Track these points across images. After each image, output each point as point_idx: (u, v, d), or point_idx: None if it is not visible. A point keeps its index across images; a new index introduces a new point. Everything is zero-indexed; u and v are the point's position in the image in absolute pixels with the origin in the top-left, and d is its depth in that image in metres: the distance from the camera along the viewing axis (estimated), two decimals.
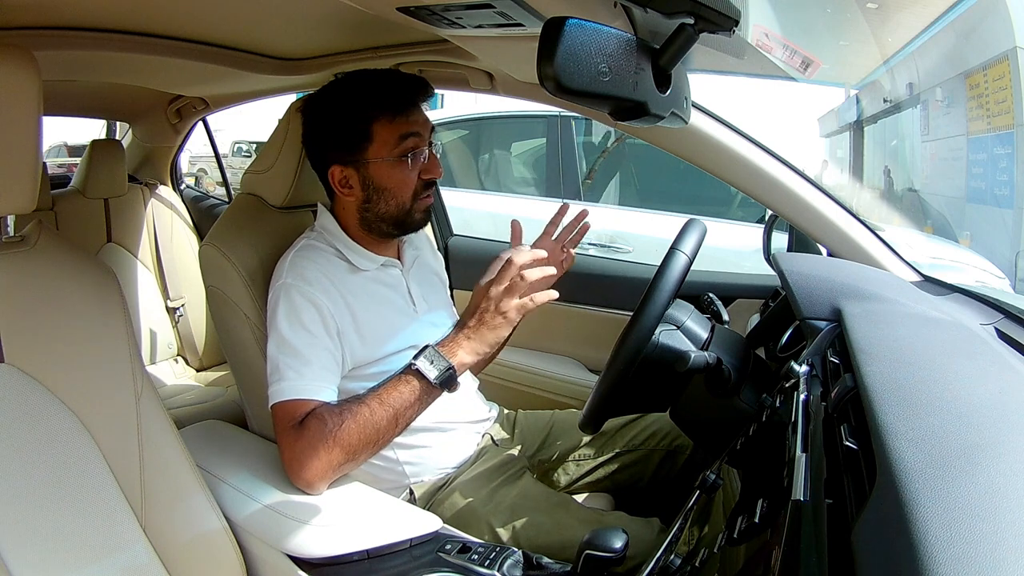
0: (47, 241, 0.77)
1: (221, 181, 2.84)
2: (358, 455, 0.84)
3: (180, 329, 2.00)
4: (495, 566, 0.75)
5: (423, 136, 0.95)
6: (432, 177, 0.97)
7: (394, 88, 0.95)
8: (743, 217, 2.69)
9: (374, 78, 0.97)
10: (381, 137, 0.94)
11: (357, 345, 0.94)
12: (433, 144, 0.99)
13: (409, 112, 0.94)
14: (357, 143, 0.94)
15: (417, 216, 0.99)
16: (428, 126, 0.97)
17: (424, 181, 0.97)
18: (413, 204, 0.97)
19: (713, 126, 1.04)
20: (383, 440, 0.86)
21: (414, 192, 0.97)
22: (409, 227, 1.01)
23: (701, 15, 0.50)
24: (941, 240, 3.36)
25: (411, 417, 0.87)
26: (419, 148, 0.95)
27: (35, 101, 0.68)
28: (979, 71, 4.37)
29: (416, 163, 0.95)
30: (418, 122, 0.95)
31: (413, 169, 0.95)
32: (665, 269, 0.88)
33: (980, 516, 0.34)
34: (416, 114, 0.95)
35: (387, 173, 0.95)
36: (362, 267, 0.99)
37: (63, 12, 0.99)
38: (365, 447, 0.84)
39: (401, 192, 0.96)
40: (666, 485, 1.13)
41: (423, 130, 0.96)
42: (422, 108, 0.97)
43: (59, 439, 0.70)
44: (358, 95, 0.95)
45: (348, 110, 0.94)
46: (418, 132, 0.95)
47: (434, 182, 0.99)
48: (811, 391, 0.64)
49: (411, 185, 0.96)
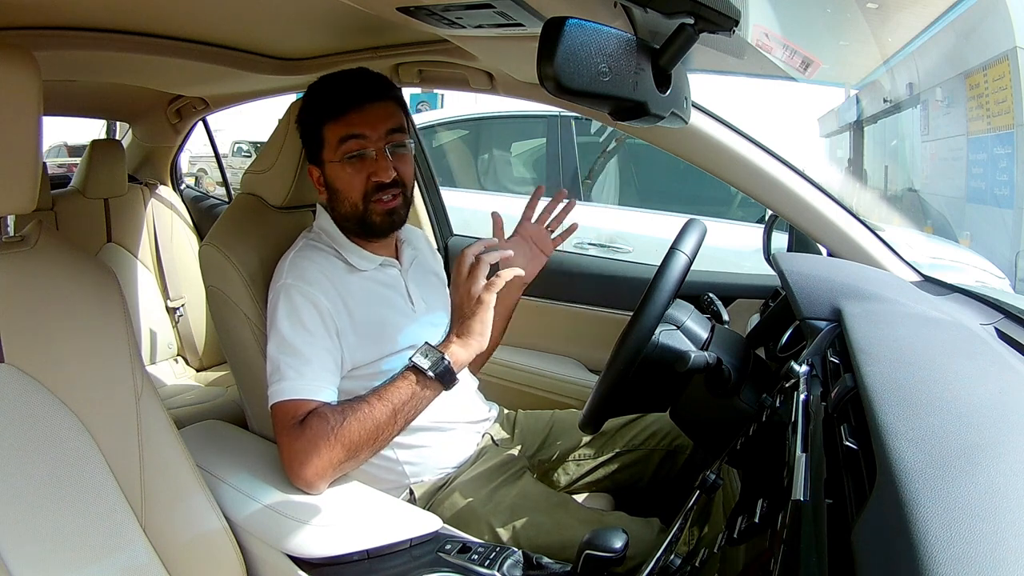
0: (47, 241, 0.77)
1: (221, 181, 2.84)
2: (359, 453, 0.84)
3: (180, 329, 2.00)
4: (495, 566, 0.75)
5: (368, 136, 0.94)
6: (380, 180, 0.94)
7: (337, 90, 0.96)
8: (743, 217, 2.69)
9: (328, 81, 0.98)
10: (328, 139, 0.95)
11: (355, 346, 0.94)
12: (398, 142, 0.96)
13: (352, 113, 0.94)
14: (316, 145, 0.97)
15: (375, 219, 0.97)
16: (380, 126, 0.94)
17: (375, 183, 0.95)
18: (366, 206, 0.96)
19: (713, 126, 1.04)
20: (383, 438, 0.86)
21: (364, 194, 0.95)
22: (371, 230, 0.98)
23: (701, 15, 0.50)
24: (941, 240, 3.36)
25: (411, 414, 0.87)
26: (363, 149, 0.94)
27: (35, 101, 0.68)
28: (979, 71, 4.37)
29: (360, 165, 0.94)
30: (363, 122, 0.93)
31: (358, 171, 0.94)
32: (665, 269, 0.88)
33: (980, 516, 0.34)
34: (361, 115, 0.94)
35: (336, 175, 0.96)
36: (360, 267, 0.99)
37: (63, 12, 0.99)
38: (366, 445, 0.84)
39: (349, 194, 0.96)
40: (666, 485, 1.13)
41: (369, 130, 0.94)
42: (377, 107, 0.95)
43: (59, 439, 0.70)
44: (314, 99, 0.98)
45: (308, 114, 0.98)
46: (359, 134, 0.93)
47: (389, 184, 0.95)
48: (811, 391, 0.64)
49: (358, 187, 0.95)
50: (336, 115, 0.94)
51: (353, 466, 0.87)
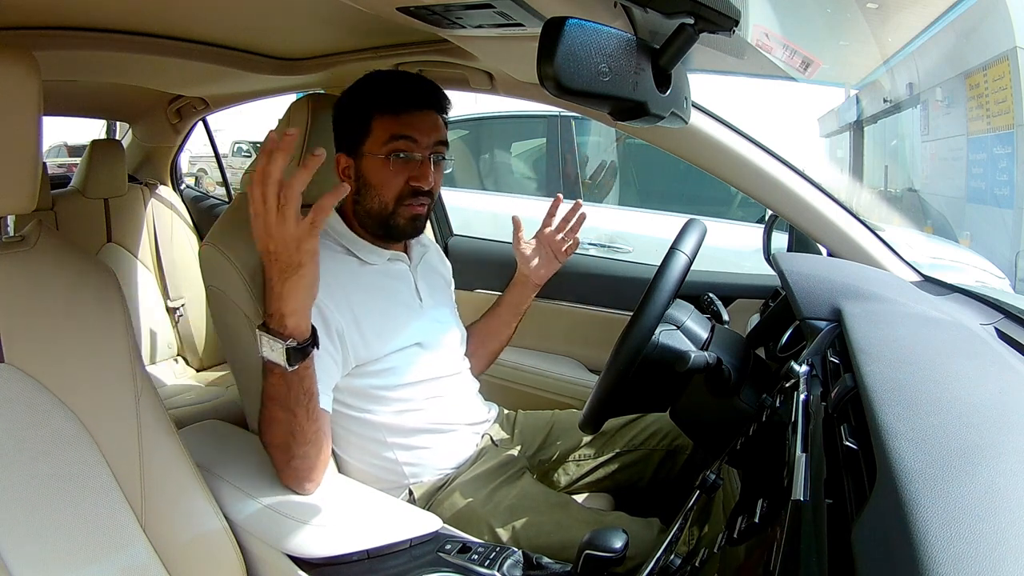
0: (47, 241, 0.77)
1: (221, 181, 2.84)
2: (293, 450, 0.80)
3: (180, 329, 2.00)
4: (495, 566, 0.75)
5: (418, 141, 0.94)
6: (419, 185, 0.95)
7: (399, 88, 0.96)
8: (743, 217, 2.69)
9: (388, 77, 0.98)
10: (376, 132, 0.94)
11: (359, 344, 0.93)
12: (436, 155, 0.97)
13: (407, 114, 0.94)
14: (358, 133, 0.96)
15: (400, 222, 0.97)
16: (432, 134, 0.95)
17: (412, 188, 0.95)
18: (396, 208, 0.96)
19: (713, 126, 1.04)
20: (299, 432, 0.80)
21: (398, 195, 0.95)
22: (393, 232, 0.99)
23: (701, 15, 0.50)
24: (941, 240, 3.36)
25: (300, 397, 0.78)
26: (409, 152, 0.94)
27: (35, 101, 0.68)
28: (979, 71, 4.37)
29: (403, 166, 0.94)
30: (414, 126, 0.94)
31: (399, 172, 0.95)
32: (665, 269, 0.88)
33: (980, 516, 0.34)
34: (416, 118, 0.95)
35: (375, 169, 0.95)
36: (370, 261, 0.99)
37: (63, 12, 0.99)
38: (294, 443, 0.80)
39: (384, 191, 0.95)
40: (666, 485, 1.13)
41: (420, 135, 0.94)
42: (431, 115, 0.96)
43: (59, 439, 0.70)
44: (368, 89, 0.97)
45: (357, 102, 0.97)
46: (411, 136, 0.94)
47: (424, 192, 0.96)
48: (811, 391, 0.64)
49: (395, 187, 0.95)
50: (392, 110, 0.94)
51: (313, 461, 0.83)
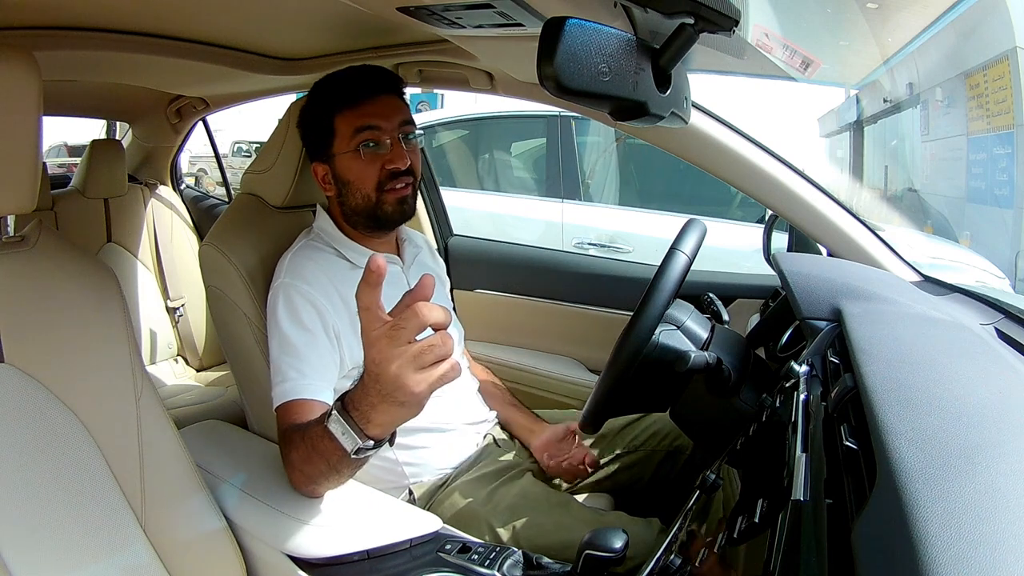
0: (47, 241, 0.77)
1: (221, 181, 2.84)
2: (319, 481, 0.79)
3: (180, 329, 2.00)
4: (495, 566, 0.75)
5: (382, 127, 0.95)
6: (395, 167, 0.95)
7: (351, 82, 0.96)
8: (743, 217, 2.69)
9: (339, 75, 0.98)
10: (340, 131, 0.95)
11: (355, 344, 0.93)
12: (409, 133, 0.97)
13: (365, 104, 0.95)
14: (325, 138, 0.97)
15: (388, 208, 0.97)
16: (394, 117, 0.96)
17: (389, 171, 0.96)
18: (379, 196, 0.96)
19: (713, 126, 1.04)
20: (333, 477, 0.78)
21: (378, 183, 0.96)
22: (383, 220, 0.99)
23: (701, 15, 0.50)
24: (941, 240, 3.36)
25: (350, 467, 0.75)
26: (377, 139, 0.95)
27: (35, 101, 0.68)
28: (979, 71, 4.37)
29: (375, 155, 0.95)
30: (377, 113, 0.95)
31: (372, 161, 0.95)
32: (665, 269, 0.88)
33: (980, 516, 0.34)
34: (374, 105, 0.95)
35: (348, 166, 0.96)
36: (361, 264, 0.99)
37: (63, 12, 0.99)
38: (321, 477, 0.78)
39: (363, 184, 0.96)
40: (666, 485, 1.13)
41: (383, 121, 0.95)
42: (390, 100, 0.97)
43: (59, 439, 0.70)
44: (323, 92, 0.98)
45: (316, 108, 0.98)
46: (374, 124, 0.94)
47: (403, 172, 0.96)
48: (811, 391, 0.64)
49: (372, 177, 0.96)
50: (349, 105, 0.95)
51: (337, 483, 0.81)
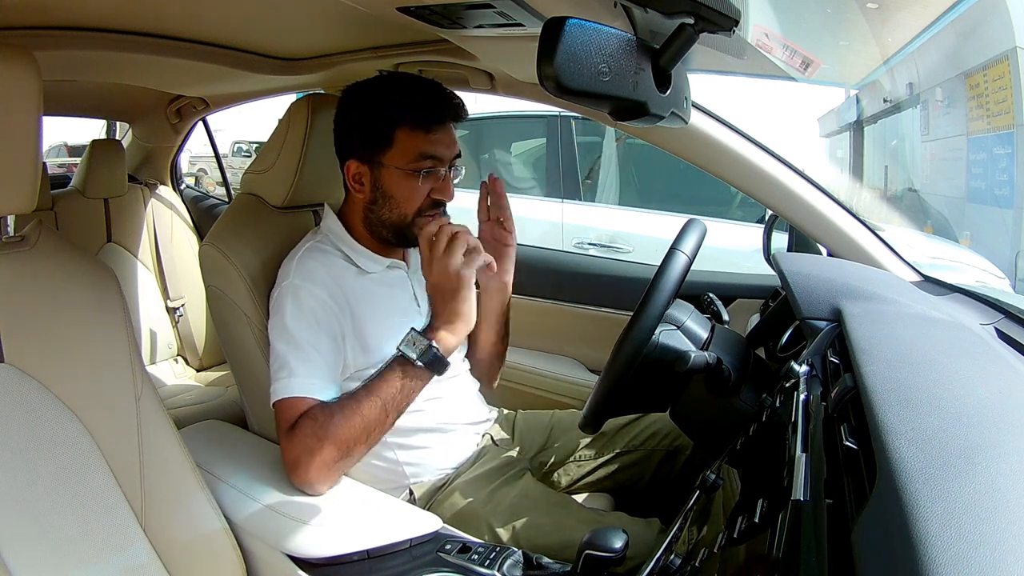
0: (47, 241, 0.77)
1: (221, 181, 2.84)
2: (352, 450, 0.84)
3: (180, 329, 2.00)
4: (495, 566, 0.75)
5: (443, 159, 0.95)
6: (442, 198, 0.96)
7: (427, 101, 0.94)
8: (743, 217, 2.70)
9: (414, 84, 0.96)
10: (401, 145, 0.93)
11: (358, 350, 0.94)
12: (455, 168, 0.98)
13: (435, 130, 0.94)
14: (378, 144, 0.94)
15: (417, 232, 0.96)
16: (453, 149, 0.96)
17: (432, 200, 0.96)
18: (414, 219, 0.96)
19: (713, 126, 1.04)
20: (376, 433, 0.85)
21: (419, 208, 0.96)
22: (408, 241, 0.99)
23: (701, 15, 0.50)
24: (941, 240, 3.36)
25: (402, 405, 0.86)
26: (436, 169, 0.94)
27: (35, 101, 0.68)
28: (979, 71, 4.38)
29: (428, 181, 0.95)
30: (442, 143, 0.94)
31: (424, 186, 0.95)
32: (665, 269, 0.88)
33: (980, 516, 0.34)
34: (442, 134, 0.94)
35: (397, 181, 0.94)
36: (368, 269, 0.99)
37: (63, 12, 0.99)
38: (359, 441, 0.84)
39: (406, 204, 0.95)
40: (666, 485, 1.13)
41: (445, 152, 0.95)
42: (451, 129, 0.96)
43: (59, 439, 0.70)
44: (392, 97, 0.94)
45: (379, 109, 0.94)
46: (438, 155, 0.94)
47: (442, 204, 0.97)
48: (811, 391, 0.64)
49: (418, 200, 0.95)
50: (422, 126, 0.93)
51: (351, 463, 0.86)
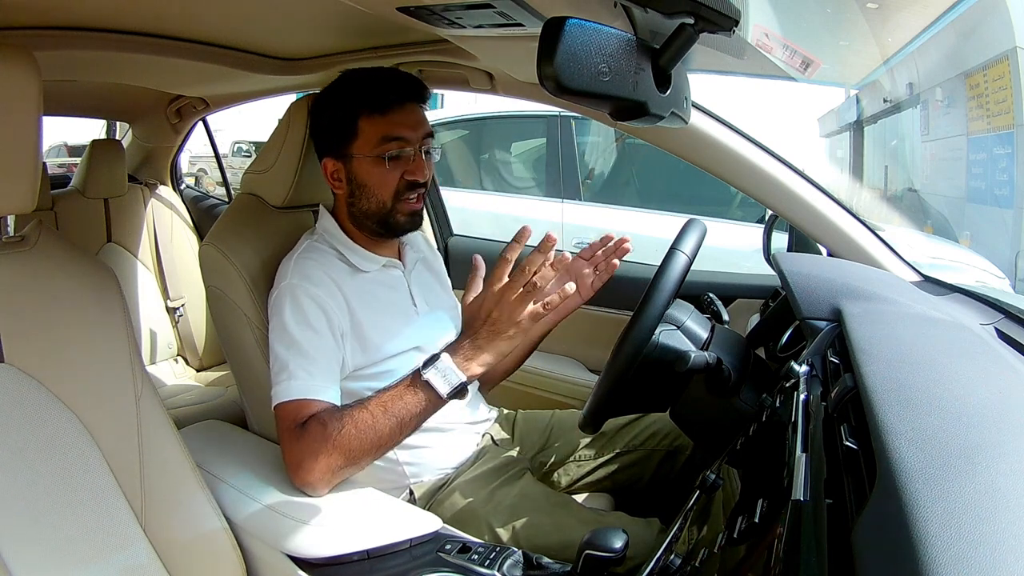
0: (47, 241, 0.77)
1: (221, 181, 2.84)
2: (359, 460, 0.84)
3: (180, 329, 2.00)
4: (495, 566, 0.75)
5: (408, 139, 0.94)
6: (415, 179, 0.95)
7: (382, 87, 0.95)
8: (743, 217, 2.70)
9: (368, 75, 0.97)
10: (365, 134, 0.94)
11: (357, 349, 0.94)
12: (429, 147, 0.97)
13: (394, 112, 0.94)
14: (345, 137, 0.95)
15: (400, 218, 0.97)
16: (420, 128, 0.96)
17: (408, 182, 0.95)
18: (394, 204, 0.96)
19: (713, 126, 1.04)
20: (386, 446, 0.84)
21: (395, 192, 0.95)
22: (393, 228, 0.99)
23: (701, 15, 0.50)
24: (941, 240, 3.36)
25: (416, 425, 0.85)
26: (402, 150, 0.94)
27: (35, 101, 0.68)
28: (979, 71, 4.38)
29: (397, 164, 0.94)
30: (405, 124, 0.94)
31: (393, 169, 0.94)
32: (665, 269, 0.88)
33: (980, 516, 0.34)
34: (403, 115, 0.94)
35: (368, 169, 0.95)
36: (364, 268, 0.99)
37: (63, 12, 0.99)
38: (366, 453, 0.83)
39: (380, 191, 0.95)
40: (666, 485, 1.13)
41: (410, 132, 0.94)
42: (416, 109, 0.96)
43: (59, 439, 0.70)
44: (349, 90, 0.96)
45: (339, 104, 0.96)
46: (402, 135, 0.94)
47: (420, 184, 0.96)
48: (811, 391, 0.64)
49: (391, 185, 0.95)
50: (378, 110, 0.93)
51: (355, 471, 0.86)
